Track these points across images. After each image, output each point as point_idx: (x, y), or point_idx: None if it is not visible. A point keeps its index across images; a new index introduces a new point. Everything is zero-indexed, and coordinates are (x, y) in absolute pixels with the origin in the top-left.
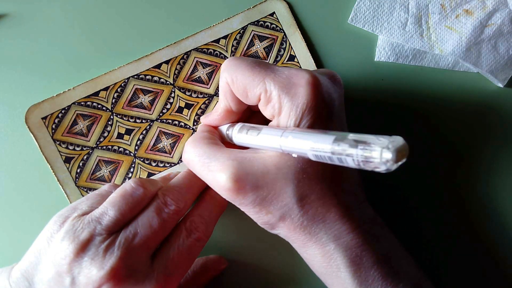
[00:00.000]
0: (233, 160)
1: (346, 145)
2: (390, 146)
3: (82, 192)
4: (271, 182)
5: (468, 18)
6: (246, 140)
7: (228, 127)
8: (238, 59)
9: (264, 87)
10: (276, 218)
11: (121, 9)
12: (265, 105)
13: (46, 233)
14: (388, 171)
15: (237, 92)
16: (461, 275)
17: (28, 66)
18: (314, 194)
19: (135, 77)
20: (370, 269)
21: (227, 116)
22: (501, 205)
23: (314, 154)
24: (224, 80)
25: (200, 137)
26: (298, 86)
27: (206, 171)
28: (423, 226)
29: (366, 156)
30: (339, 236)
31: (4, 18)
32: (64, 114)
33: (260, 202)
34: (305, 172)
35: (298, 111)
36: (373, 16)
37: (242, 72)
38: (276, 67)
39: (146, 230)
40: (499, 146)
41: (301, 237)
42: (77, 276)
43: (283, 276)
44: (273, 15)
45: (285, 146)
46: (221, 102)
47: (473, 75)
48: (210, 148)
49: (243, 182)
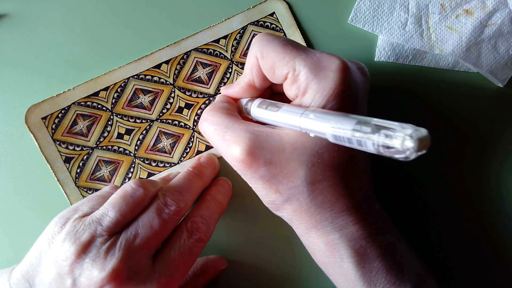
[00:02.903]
0: (250, 132)
1: (368, 129)
2: (414, 135)
3: (82, 192)
4: (285, 160)
5: (468, 18)
6: (265, 115)
7: (247, 101)
8: (270, 35)
9: (293, 66)
10: (284, 198)
11: (121, 9)
12: (290, 84)
13: (47, 234)
14: (406, 159)
15: (264, 67)
16: (464, 272)
17: (28, 66)
18: (326, 181)
19: (135, 77)
20: (374, 261)
21: (249, 90)
22: (502, 205)
23: (334, 135)
24: (254, 54)
25: (219, 107)
26: (328, 69)
27: (221, 141)
28: (426, 223)
29: (387, 142)
30: (345, 226)
31: (4, 18)
32: (64, 114)
33: (270, 178)
34: (321, 157)
35: (324, 94)
36: (373, 16)
37: (273, 49)
38: (307, 48)
39: (147, 231)
40: (499, 146)
41: (305, 222)
42: (78, 277)
43: (283, 276)
44: (273, 15)
45: (305, 125)
46: (245, 76)
47: (473, 75)
48: (228, 118)
49: (257, 155)
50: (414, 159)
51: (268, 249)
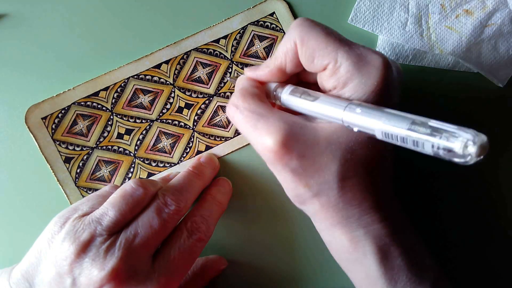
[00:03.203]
0: (284, 123)
1: (426, 130)
2: (476, 140)
3: (82, 192)
4: (318, 154)
5: (468, 18)
6: (299, 104)
7: (276, 86)
8: (312, 21)
9: (336, 58)
10: (313, 192)
11: (121, 9)
12: (329, 75)
13: (47, 234)
14: (465, 163)
15: (302, 54)
16: (476, 274)
17: (28, 66)
18: (356, 178)
19: (135, 77)
20: (397, 259)
21: (278, 75)
22: (502, 205)
23: (385, 132)
24: (292, 38)
25: (249, 92)
26: (371, 65)
27: (252, 129)
28: (425, 222)
29: (448, 145)
30: (371, 223)
31: (4, 18)
32: (64, 114)
33: (301, 172)
34: (354, 153)
35: (366, 89)
36: (373, 16)
37: (316, 35)
38: (350, 41)
39: (146, 230)
40: (499, 146)
41: (332, 217)
42: (78, 277)
43: (283, 276)
44: (273, 15)
45: (350, 119)
46: (277, 59)
47: (473, 75)
48: (261, 106)
49: (291, 147)
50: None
51: (268, 249)
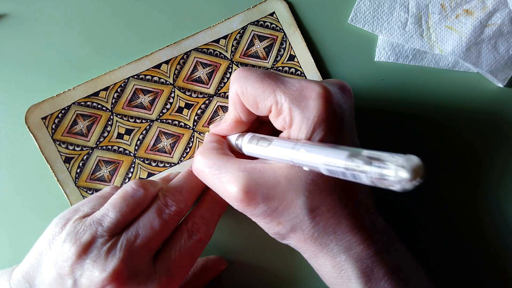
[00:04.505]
0: (243, 171)
1: (360, 162)
2: (406, 165)
3: (82, 192)
4: (281, 193)
5: (468, 18)
6: (256, 151)
7: (238, 137)
8: (247, 70)
9: (275, 99)
10: (287, 229)
11: (121, 9)
12: (275, 117)
13: (48, 235)
14: (404, 190)
15: (247, 103)
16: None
17: (28, 66)
18: (324, 206)
19: (135, 77)
20: (381, 280)
21: (237, 126)
22: (502, 205)
23: (327, 169)
24: (234, 91)
25: (209, 148)
26: (309, 98)
27: (217, 182)
28: (428, 231)
29: (381, 173)
30: (350, 247)
31: (4, 18)
32: (64, 114)
33: (270, 213)
34: (316, 184)
35: (309, 124)
36: (373, 16)
37: (252, 84)
38: (286, 78)
39: (147, 231)
40: (499, 146)
41: (311, 248)
42: (79, 278)
43: (283, 276)
44: (273, 15)
45: (297, 159)
46: (231, 113)
47: (473, 75)
48: (220, 159)
49: (254, 193)
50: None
51: (268, 249)
